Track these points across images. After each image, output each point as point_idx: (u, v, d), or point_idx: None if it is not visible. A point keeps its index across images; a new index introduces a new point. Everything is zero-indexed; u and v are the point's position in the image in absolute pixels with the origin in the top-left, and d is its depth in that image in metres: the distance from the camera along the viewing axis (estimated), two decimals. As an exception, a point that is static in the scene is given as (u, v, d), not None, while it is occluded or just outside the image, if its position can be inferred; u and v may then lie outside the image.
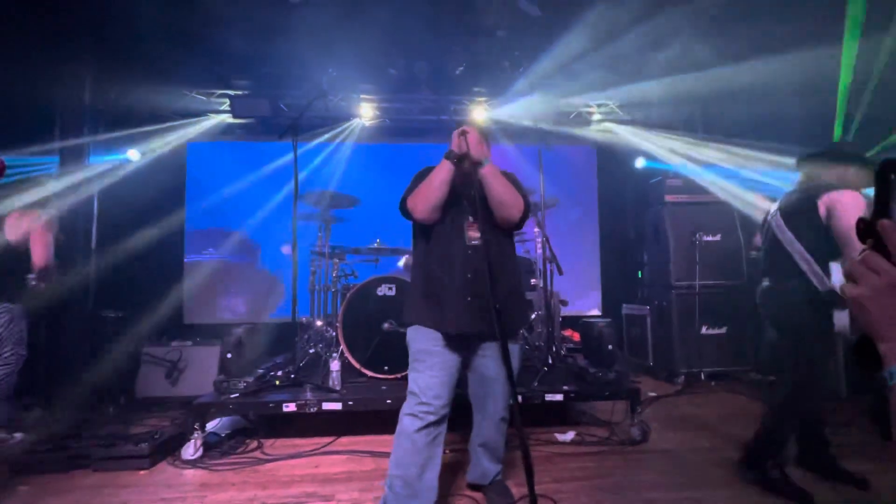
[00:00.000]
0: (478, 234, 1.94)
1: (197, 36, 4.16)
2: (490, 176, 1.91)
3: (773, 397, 2.32)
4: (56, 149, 4.21)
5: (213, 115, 5.42)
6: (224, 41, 4.30)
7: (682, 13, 3.84)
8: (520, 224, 2.06)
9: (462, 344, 1.97)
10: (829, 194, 2.09)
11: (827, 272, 2.08)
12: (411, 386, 1.90)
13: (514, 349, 2.05)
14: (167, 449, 2.69)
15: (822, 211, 2.10)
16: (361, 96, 5.34)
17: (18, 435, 2.88)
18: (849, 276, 0.57)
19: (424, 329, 1.94)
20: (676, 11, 3.85)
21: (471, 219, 1.98)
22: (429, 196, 1.91)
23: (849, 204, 2.03)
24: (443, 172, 1.89)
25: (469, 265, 1.93)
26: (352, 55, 4.56)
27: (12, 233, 2.85)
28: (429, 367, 1.89)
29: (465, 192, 2.00)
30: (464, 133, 1.90)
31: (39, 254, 2.84)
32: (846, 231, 2.01)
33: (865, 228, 0.56)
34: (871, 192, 2.21)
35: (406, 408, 1.88)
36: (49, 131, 4.22)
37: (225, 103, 5.29)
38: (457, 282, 1.93)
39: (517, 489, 2.17)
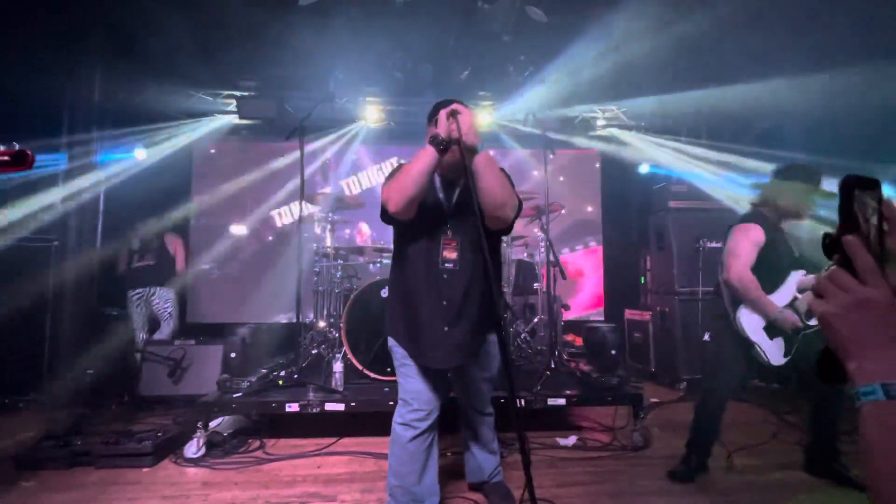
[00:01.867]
0: (454, 255, 1.77)
1: (205, 37, 4.20)
2: (484, 166, 1.61)
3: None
4: (64, 146, 4.25)
5: (219, 116, 5.45)
6: (232, 43, 4.34)
7: (688, 20, 3.86)
8: (510, 227, 1.84)
9: None
10: (737, 227, 2.37)
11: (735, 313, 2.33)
12: (401, 394, 1.85)
13: (494, 347, 1.97)
14: (170, 447, 2.70)
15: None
16: (367, 99, 5.38)
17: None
18: (816, 293, 0.57)
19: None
20: (683, 19, 3.86)
21: (449, 234, 1.78)
22: (405, 186, 1.60)
23: (741, 231, 2.32)
24: (425, 160, 1.59)
25: (444, 291, 1.76)
26: (358, 58, 4.59)
27: (171, 245, 4.45)
28: (417, 373, 1.82)
29: (446, 199, 1.83)
30: (454, 113, 1.59)
31: (180, 261, 4.48)
32: (726, 254, 2.34)
33: (831, 244, 0.55)
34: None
35: (398, 416, 1.83)
36: (58, 129, 4.27)
37: (231, 104, 5.32)
38: (433, 310, 1.78)
39: (518, 492, 2.16)
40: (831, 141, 4.04)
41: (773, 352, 2.26)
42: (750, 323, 2.28)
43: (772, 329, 2.27)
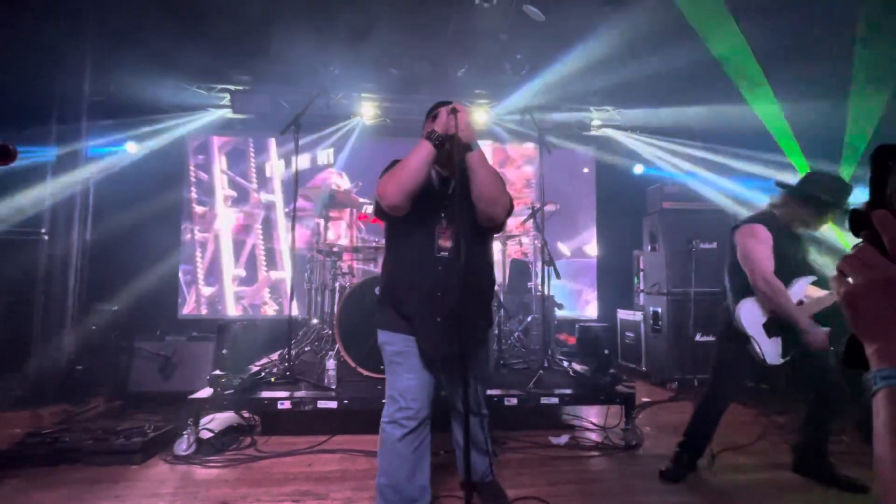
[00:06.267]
0: (448, 244, 1.77)
1: (198, 29, 4.14)
2: (478, 164, 1.68)
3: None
4: (53, 138, 4.18)
5: (212, 110, 5.40)
6: (225, 36, 4.29)
7: (683, 21, 3.87)
8: (502, 226, 1.88)
9: None
10: (740, 229, 2.33)
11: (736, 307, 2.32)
12: (389, 391, 1.81)
13: (488, 345, 2.03)
14: (160, 444, 2.67)
15: (736, 244, 2.35)
16: (363, 95, 5.35)
17: None
18: (840, 271, 0.52)
19: (399, 334, 1.82)
20: (679, 20, 3.88)
21: (444, 223, 1.79)
22: (402, 179, 1.63)
23: (746, 234, 2.28)
24: (421, 153, 1.63)
25: (439, 281, 1.76)
26: (354, 54, 4.56)
27: None
28: (406, 370, 1.79)
29: (441, 193, 1.83)
30: (454, 111, 1.64)
31: None
32: (742, 260, 2.27)
33: (859, 220, 0.51)
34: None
35: (385, 415, 1.80)
36: (47, 120, 4.19)
37: (225, 98, 5.27)
38: (426, 300, 1.77)
39: (512, 491, 2.17)
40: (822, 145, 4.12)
41: (770, 351, 2.24)
42: (749, 318, 2.26)
43: (771, 328, 2.25)
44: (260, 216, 5.61)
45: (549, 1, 3.91)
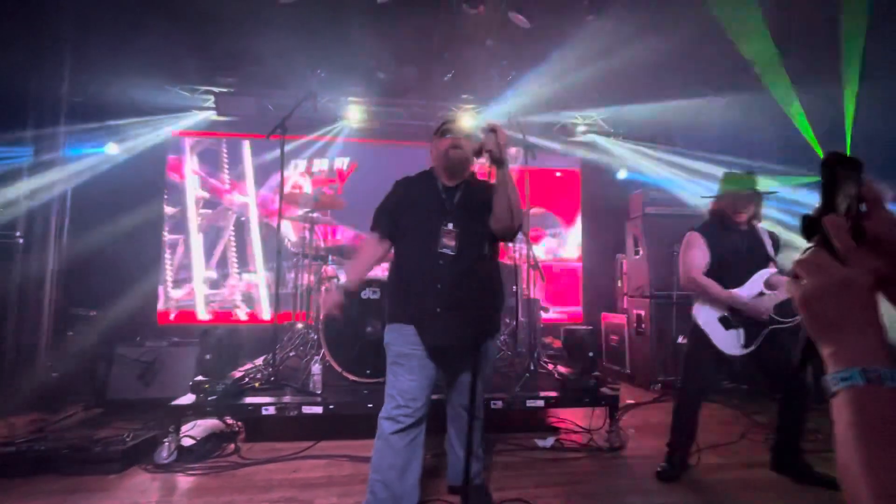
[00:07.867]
0: (452, 243, 1.89)
1: (182, 30, 4.09)
2: (506, 182, 1.80)
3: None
4: (30, 139, 4.07)
5: (196, 111, 5.32)
6: (210, 37, 4.24)
7: (668, 32, 3.96)
8: (514, 236, 1.97)
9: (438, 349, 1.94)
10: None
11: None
12: (389, 389, 1.89)
13: (490, 350, 2.08)
14: (140, 453, 2.60)
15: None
16: (350, 99, 5.34)
17: None
18: (794, 274, 0.53)
19: (405, 329, 1.90)
20: (663, 30, 3.97)
21: (450, 226, 1.91)
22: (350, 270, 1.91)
23: (682, 244, 2.60)
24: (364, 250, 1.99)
25: (439, 275, 1.87)
26: (341, 57, 4.55)
27: None
28: (407, 371, 1.86)
29: (447, 201, 1.96)
30: (493, 130, 1.77)
31: None
32: (680, 266, 2.57)
33: (810, 225, 0.53)
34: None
35: (384, 411, 1.86)
36: (23, 121, 4.08)
37: (209, 100, 5.20)
38: (427, 291, 1.87)
39: (498, 493, 2.18)
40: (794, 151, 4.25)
41: (728, 343, 2.40)
42: (703, 314, 2.46)
43: (728, 321, 2.41)
44: (232, 218, 5.54)
45: (534, 8, 3.97)
